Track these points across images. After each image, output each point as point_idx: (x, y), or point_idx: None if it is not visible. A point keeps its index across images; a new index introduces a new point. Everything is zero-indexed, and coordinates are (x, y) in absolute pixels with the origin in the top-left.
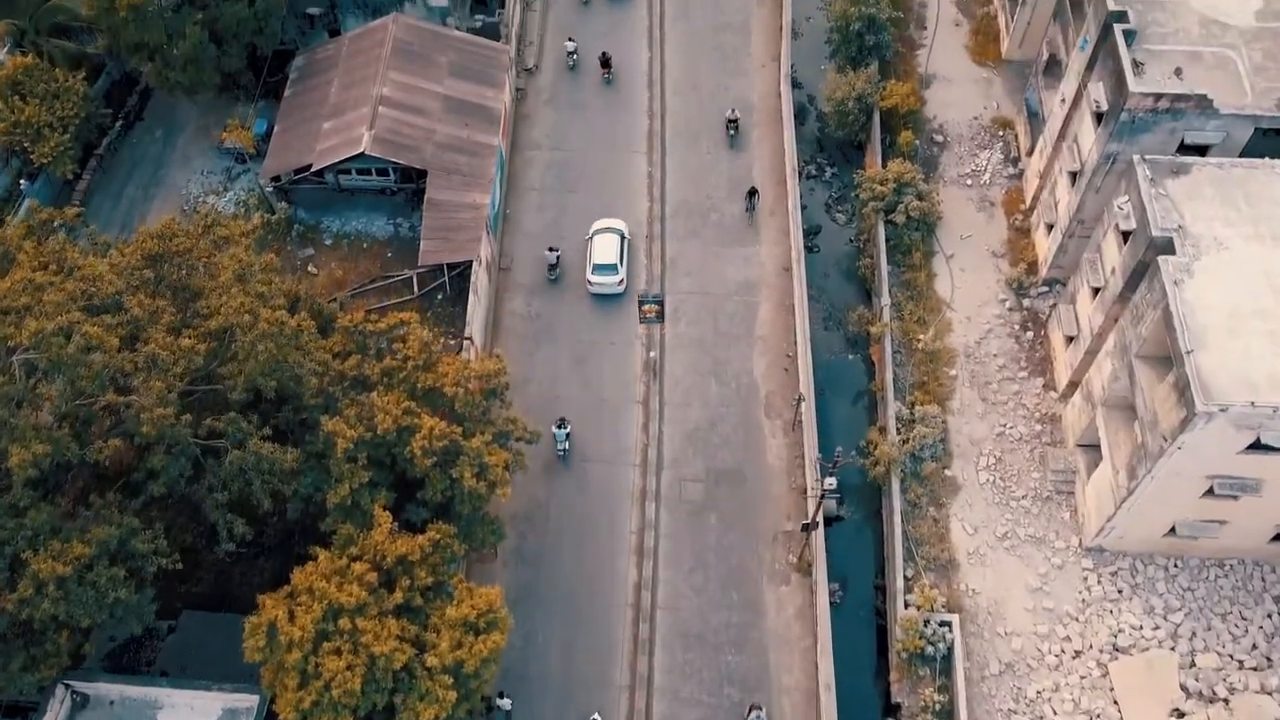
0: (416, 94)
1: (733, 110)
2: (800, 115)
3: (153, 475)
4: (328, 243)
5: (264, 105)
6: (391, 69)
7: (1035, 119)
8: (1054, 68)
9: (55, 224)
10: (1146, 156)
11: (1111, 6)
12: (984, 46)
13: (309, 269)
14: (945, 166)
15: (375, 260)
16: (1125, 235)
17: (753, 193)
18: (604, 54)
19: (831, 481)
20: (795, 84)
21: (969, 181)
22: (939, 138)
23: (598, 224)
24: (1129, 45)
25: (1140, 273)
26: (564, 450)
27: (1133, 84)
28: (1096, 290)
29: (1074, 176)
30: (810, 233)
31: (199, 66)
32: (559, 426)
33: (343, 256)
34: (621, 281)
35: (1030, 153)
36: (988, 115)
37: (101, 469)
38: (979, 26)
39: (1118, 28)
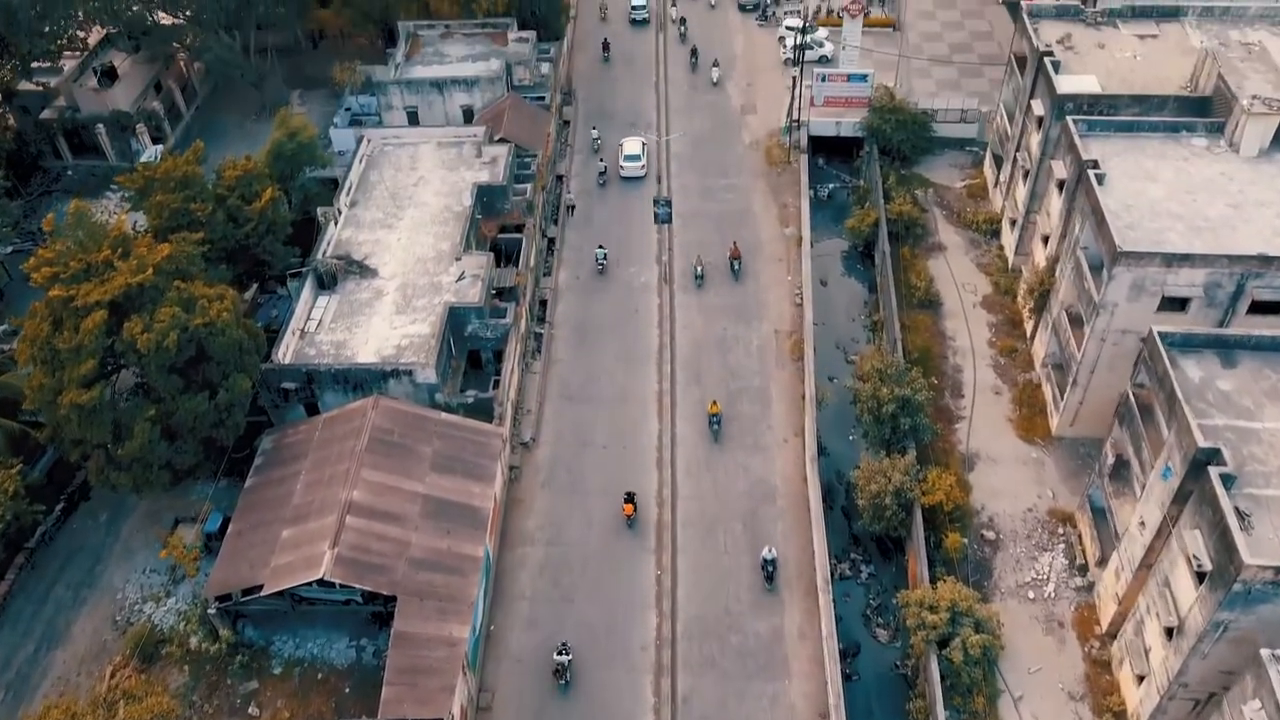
0: (392, 496)
1: (769, 549)
2: (828, 494)
3: None
4: (276, 671)
5: (226, 484)
6: (366, 465)
7: (1102, 520)
8: (1122, 470)
9: None
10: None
11: (1201, 441)
12: (1030, 420)
13: (250, 710)
14: (1001, 573)
15: (329, 696)
16: None
17: None
18: None
19: None
20: (821, 449)
21: (1030, 594)
22: (990, 534)
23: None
24: (1228, 490)
25: None
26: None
27: (1245, 553)
28: None
29: (1171, 632)
30: (847, 653)
31: (146, 466)
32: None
33: (292, 691)
34: (643, 167)
35: (1101, 563)
36: (1043, 506)
37: None
38: (1021, 396)
39: (1213, 471)
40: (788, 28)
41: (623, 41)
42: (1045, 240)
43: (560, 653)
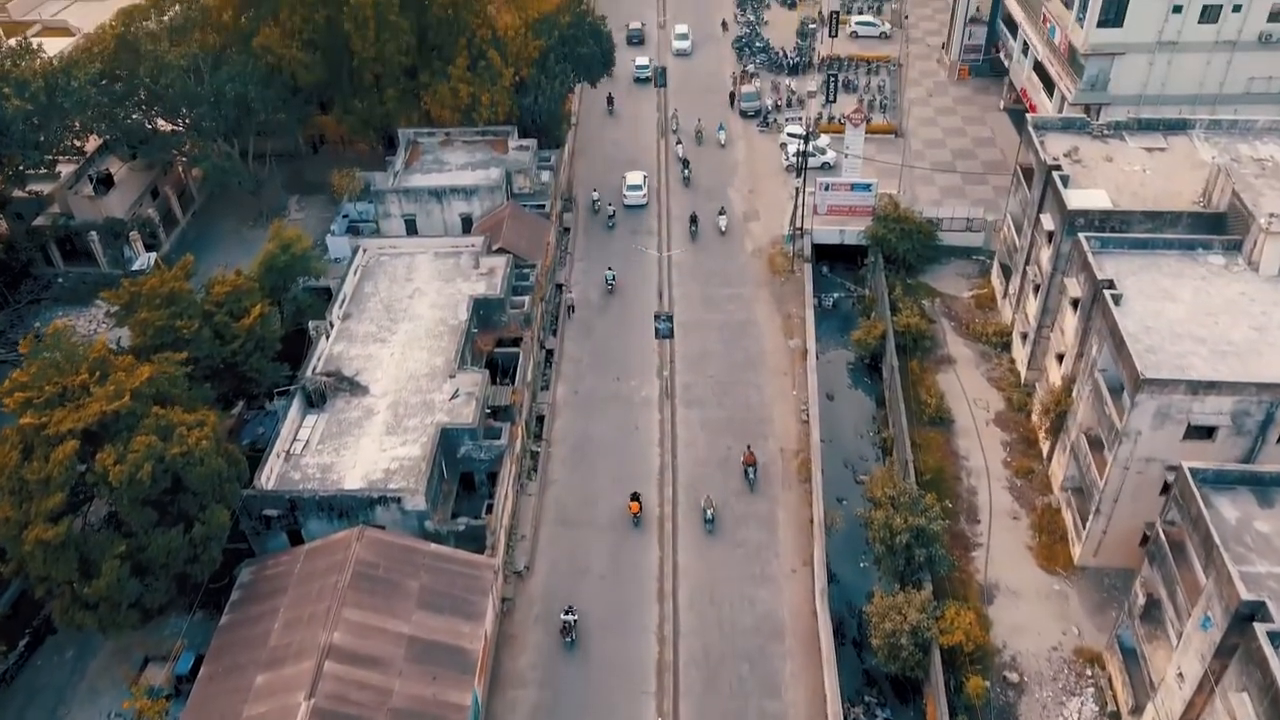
0: (375, 638)
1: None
2: (839, 626)
3: None
4: None
5: (202, 617)
6: (348, 604)
7: (1133, 663)
8: (1153, 610)
9: None
10: None
11: (1244, 594)
12: (1051, 549)
13: None
14: None
15: None
16: None
17: None
18: None
19: None
20: (830, 576)
21: None
22: (1013, 676)
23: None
24: (1278, 650)
25: None
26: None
27: None
28: None
29: None
30: None
31: (114, 606)
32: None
33: None
34: (644, 195)
35: (1135, 712)
36: (1069, 645)
37: None
38: (1041, 522)
39: (1259, 628)
40: (789, 134)
41: (627, 102)
42: (1059, 358)
43: (567, 613)
